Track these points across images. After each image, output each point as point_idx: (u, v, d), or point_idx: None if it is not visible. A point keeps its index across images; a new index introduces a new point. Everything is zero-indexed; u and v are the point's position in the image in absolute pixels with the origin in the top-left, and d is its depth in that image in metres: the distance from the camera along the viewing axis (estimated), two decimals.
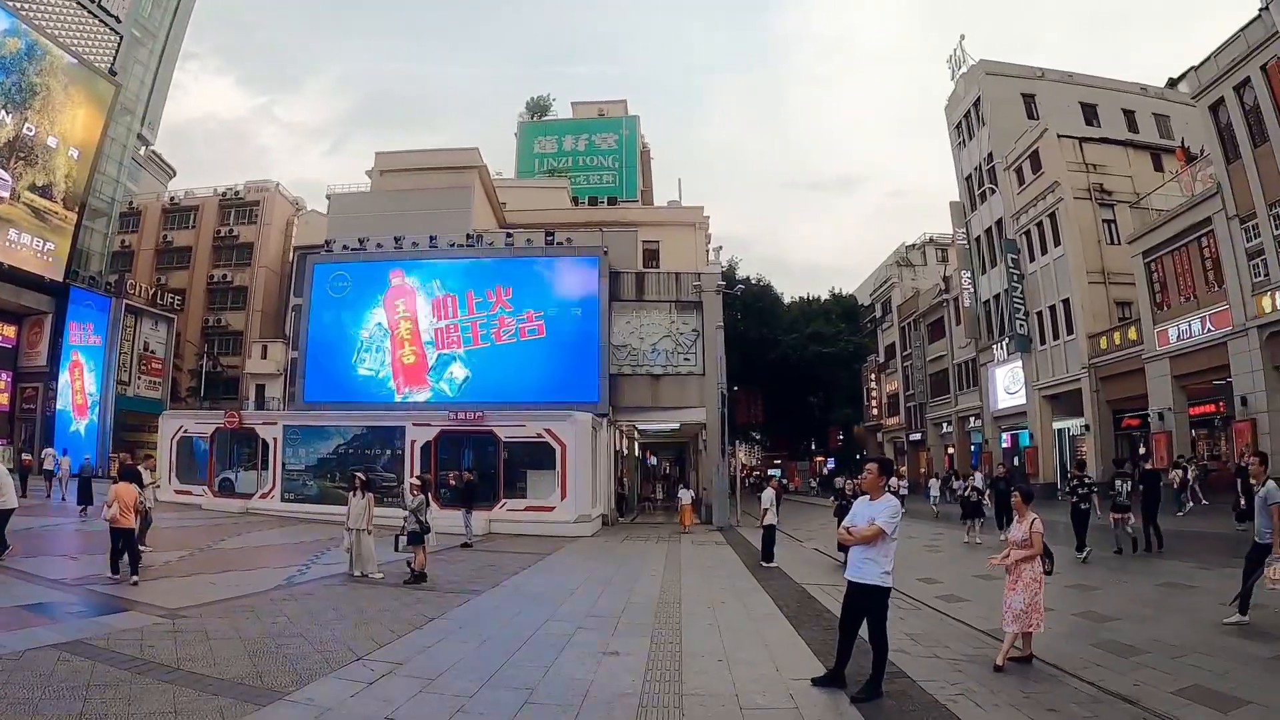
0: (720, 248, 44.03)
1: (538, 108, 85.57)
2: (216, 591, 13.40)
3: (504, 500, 27.95)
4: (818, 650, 9.94)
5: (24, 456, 34.95)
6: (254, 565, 17.20)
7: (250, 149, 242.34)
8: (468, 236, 37.83)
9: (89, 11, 47.84)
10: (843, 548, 18.19)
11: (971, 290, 49.67)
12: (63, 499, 29.81)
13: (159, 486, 19.61)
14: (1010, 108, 46.46)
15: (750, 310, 58.92)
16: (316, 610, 12.18)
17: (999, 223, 46.75)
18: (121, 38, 50.06)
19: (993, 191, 47.32)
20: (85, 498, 24.58)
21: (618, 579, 17.23)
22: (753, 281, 64.96)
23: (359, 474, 17.17)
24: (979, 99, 48.73)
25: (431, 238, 37.09)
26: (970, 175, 50.92)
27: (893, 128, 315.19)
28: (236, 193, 68.84)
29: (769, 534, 19.79)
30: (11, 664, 8.21)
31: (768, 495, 20.43)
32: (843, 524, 8.69)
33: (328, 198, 55.60)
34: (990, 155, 47.59)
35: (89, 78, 46.86)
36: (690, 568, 19.34)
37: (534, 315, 35.29)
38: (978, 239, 49.93)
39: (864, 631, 8.11)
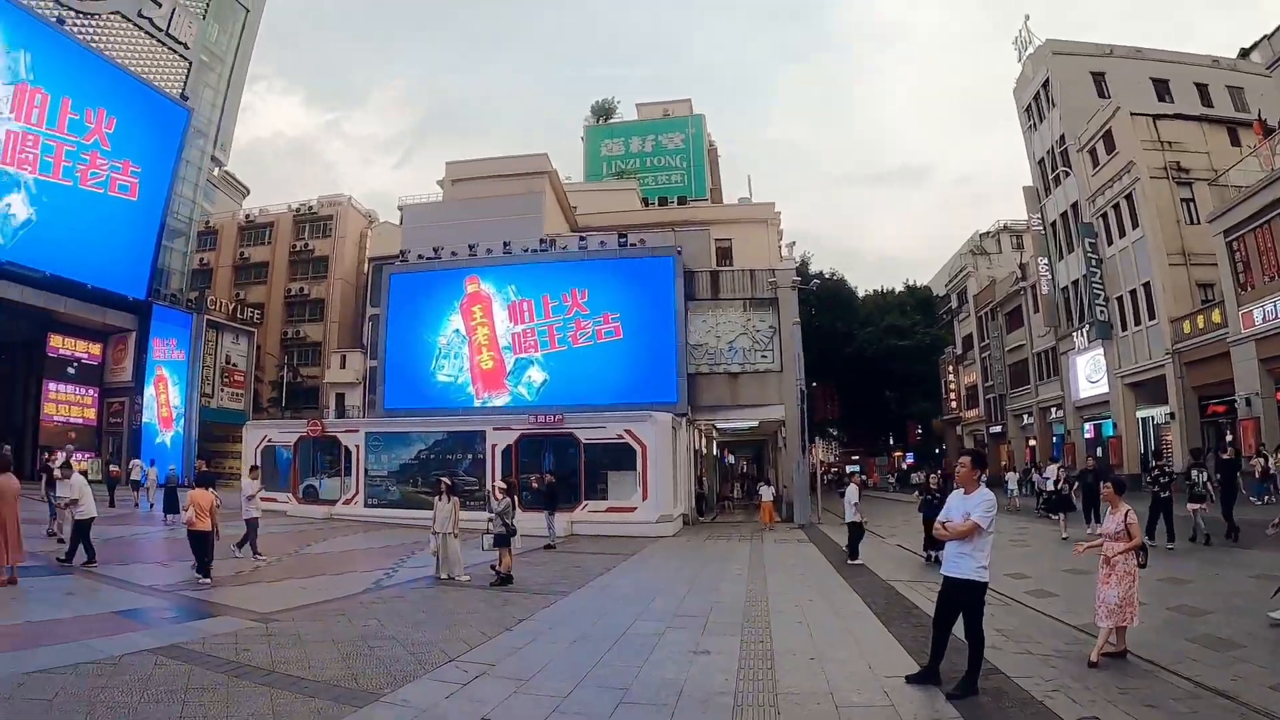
0: (794, 243, 43.67)
1: (602, 111, 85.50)
2: (307, 595, 13.66)
3: (585, 502, 28.02)
4: (909, 647, 9.87)
5: (112, 468, 35.59)
6: (342, 569, 17.53)
7: (319, 165, 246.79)
8: (541, 241, 38.14)
9: (158, 40, 48.99)
10: (931, 544, 18.09)
11: (1049, 277, 48.58)
12: (150, 507, 30.51)
13: (260, 497, 19.81)
14: (1080, 87, 45.43)
15: (825, 305, 58.55)
16: (406, 613, 12.32)
17: (1074, 206, 45.67)
18: (190, 64, 51.19)
19: (1066, 174, 46.21)
20: (171, 506, 25.16)
21: (703, 578, 17.17)
22: (826, 276, 64.60)
23: (445, 479, 17.22)
24: (1048, 80, 47.76)
25: (505, 244, 37.37)
26: (1043, 159, 49.83)
27: (958, 114, 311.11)
28: (310, 208, 69.94)
29: (855, 531, 19.56)
30: (110, 668, 8.42)
31: (852, 492, 20.14)
32: (938, 519, 8.56)
33: (400, 209, 56.36)
34: (1062, 137, 46.44)
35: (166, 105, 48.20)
36: (775, 566, 19.20)
37: (610, 317, 35.44)
38: (1053, 224, 48.89)
39: (957, 628, 8.03)
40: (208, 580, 14.34)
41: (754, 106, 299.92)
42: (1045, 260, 48.93)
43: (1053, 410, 52.53)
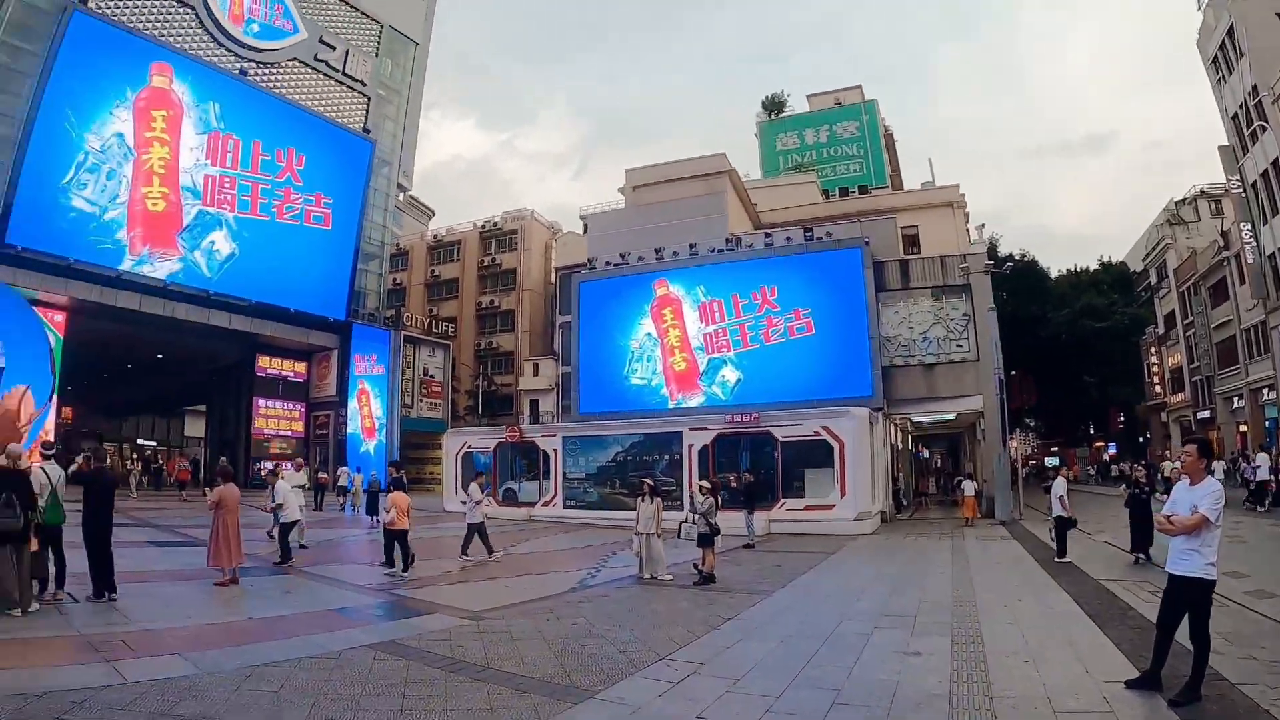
0: (983, 225, 42.47)
1: (773, 105, 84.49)
2: (514, 594, 13.97)
3: (783, 500, 27.72)
4: (1127, 651, 9.39)
5: (320, 475, 37.45)
6: (546, 570, 17.89)
7: (497, 183, 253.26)
8: (726, 240, 38.30)
9: (337, 80, 51.72)
10: (1139, 543, 17.29)
11: (1253, 244, 44.76)
12: (355, 512, 32.26)
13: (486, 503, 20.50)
14: (1269, 30, 41.57)
15: (1016, 288, 56.20)
16: (613, 612, 12.47)
17: (1275, 163, 41.97)
18: (369, 99, 53.68)
19: (1264, 129, 42.49)
20: (373, 509, 26.45)
21: (906, 577, 16.78)
22: (1016, 257, 62.36)
23: (648, 480, 17.40)
24: (1232, 26, 44.37)
25: (691, 245, 37.65)
26: (1236, 114, 46.12)
27: (1140, 75, 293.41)
28: (495, 224, 72.01)
29: (1062, 527, 18.63)
30: (331, 663, 8.91)
31: (1059, 485, 19.33)
32: (1162, 512, 8.12)
33: (582, 219, 57.25)
34: (1254, 88, 42.87)
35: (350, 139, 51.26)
36: (979, 564, 18.61)
37: (801, 313, 35.20)
38: (1254, 185, 44.87)
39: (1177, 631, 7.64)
40: (405, 575, 15.60)
41: (920, 86, 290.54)
42: (1248, 225, 45.26)
43: (1265, 392, 48.22)
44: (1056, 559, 18.12)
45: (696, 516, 15.73)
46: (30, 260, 36.45)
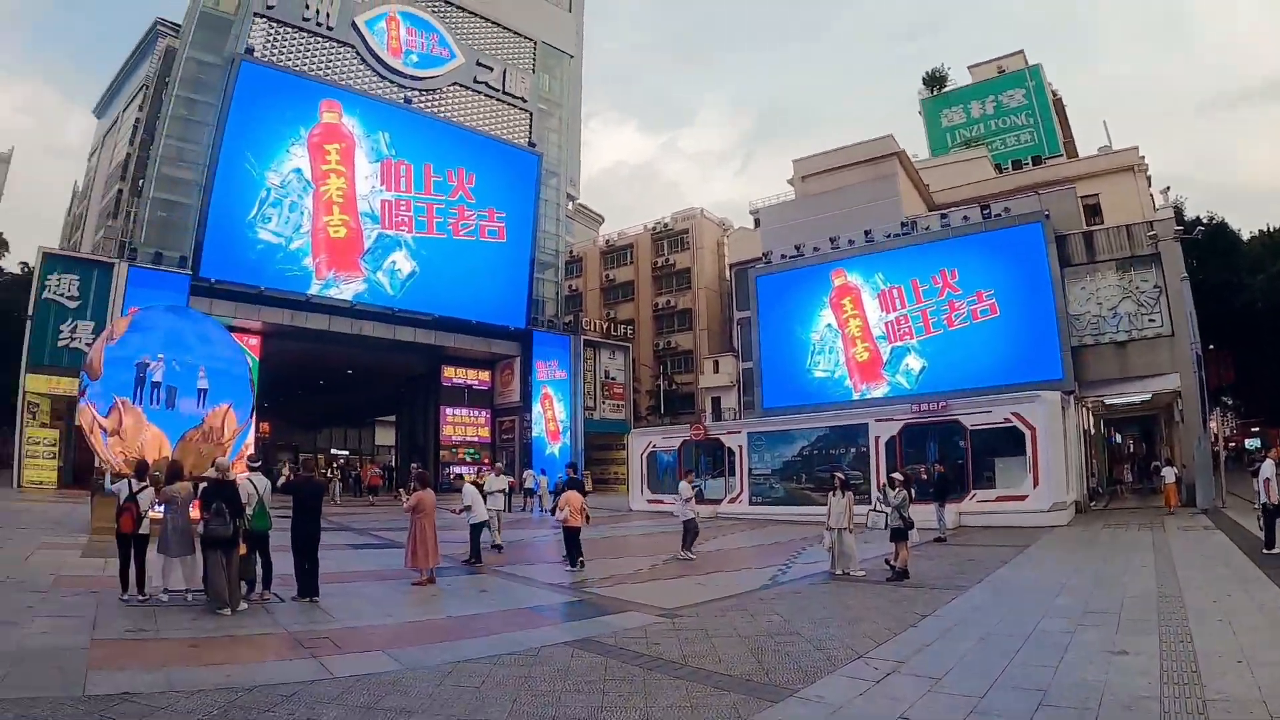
0: (1168, 188, 40.13)
1: (934, 80, 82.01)
2: (706, 592, 13.95)
3: (973, 491, 26.72)
4: None
5: (509, 480, 38.26)
6: (736, 566, 17.82)
7: (662, 185, 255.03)
8: (901, 224, 37.40)
9: (498, 99, 53.26)
10: None
11: None
12: (542, 512, 33.06)
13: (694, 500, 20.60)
14: None
15: (1204, 254, 52.51)
16: (807, 608, 12.29)
17: None
18: (531, 114, 54.90)
19: None
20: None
21: (1106, 571, 15.88)
22: (1203, 221, 58.59)
23: (838, 474, 17.17)
24: None
25: (866, 232, 37.05)
26: None
27: None
28: (665, 225, 72.21)
29: (1271, 516, 16.87)
30: (530, 659, 9.11)
31: (1267, 468, 17.29)
32: None
33: (752, 214, 57.34)
34: None
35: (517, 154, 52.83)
36: (1183, 556, 17.29)
37: (984, 295, 34.02)
38: None
39: None
40: (573, 569, 16.42)
41: (1080, 45, 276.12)
42: None
43: None
44: (1265, 550, 16.61)
45: (890, 510, 15.36)
46: (223, 291, 39.95)
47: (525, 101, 54.60)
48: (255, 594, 12.40)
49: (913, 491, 16.49)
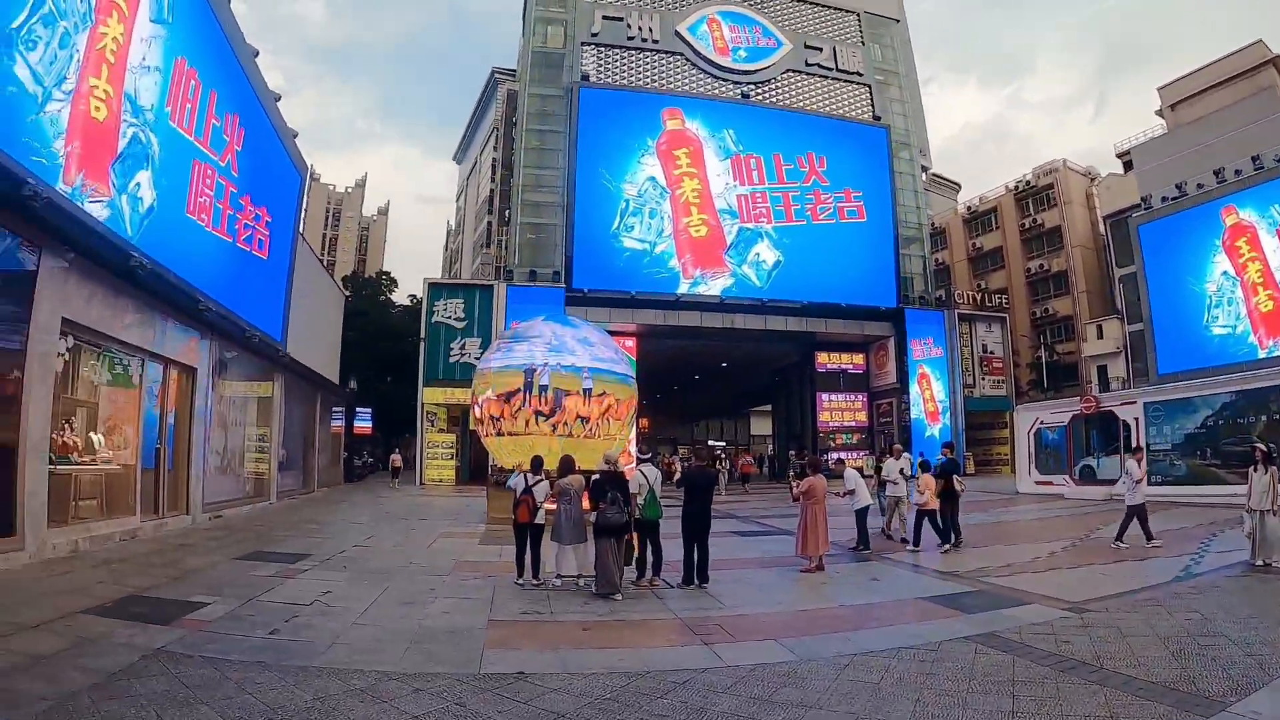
0: None
1: None
2: (1112, 583, 12.54)
3: None
4: None
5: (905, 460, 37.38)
6: (1141, 556, 15.68)
7: (1014, 142, 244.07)
8: None
9: (834, 79, 53.16)
10: None
11: None
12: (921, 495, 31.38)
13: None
14: None
15: None
16: (1229, 605, 10.63)
17: None
18: (869, 86, 54.03)
19: None
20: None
21: None
22: None
23: (1259, 446, 14.64)
24: None
25: (1254, 159, 33.10)
26: None
27: None
28: (1027, 182, 68.08)
29: None
30: (931, 654, 8.45)
31: None
32: None
33: (1119, 157, 53.07)
34: None
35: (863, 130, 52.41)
36: None
37: None
38: None
39: None
40: (947, 546, 16.43)
41: None
42: None
43: None
44: None
45: None
46: (596, 299, 43.46)
47: (860, 76, 54.01)
48: (645, 579, 12.81)
49: None
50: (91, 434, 16.54)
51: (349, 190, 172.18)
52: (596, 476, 12.90)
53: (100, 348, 16.59)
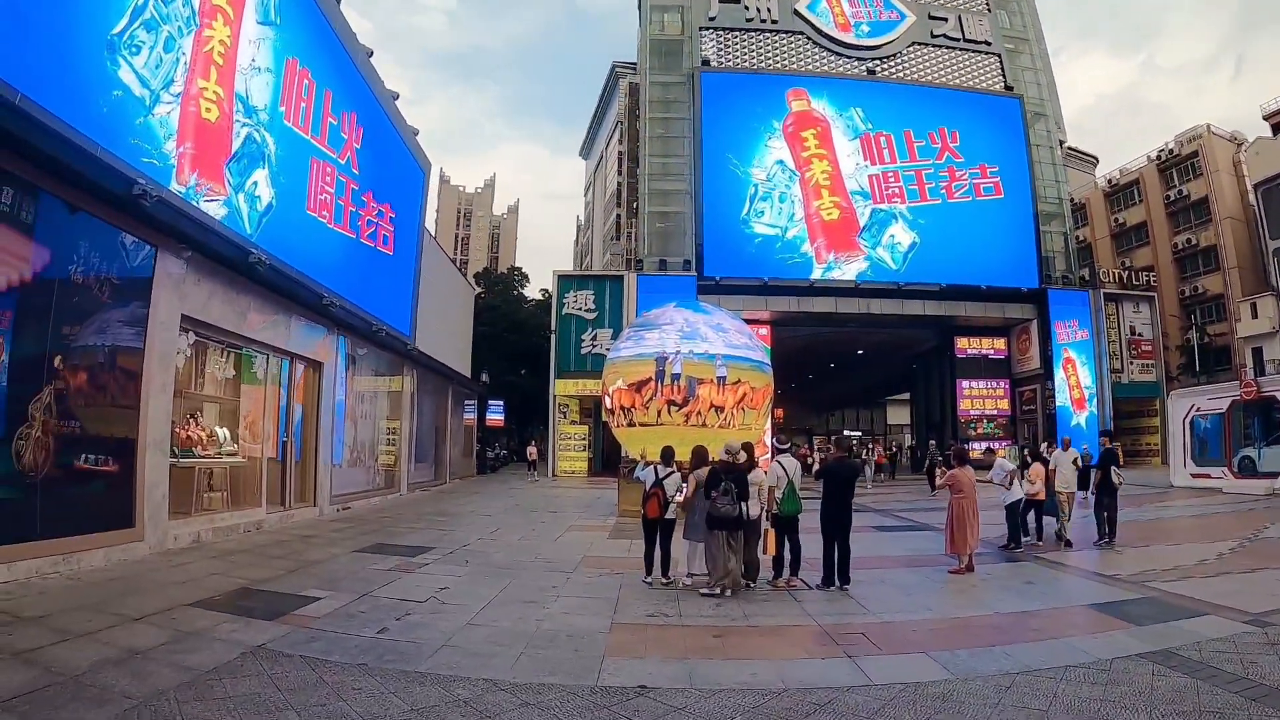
0: None
1: None
2: None
3: None
4: None
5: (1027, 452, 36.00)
6: None
7: (1150, 111, 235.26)
8: None
9: (962, 50, 51.58)
10: None
11: None
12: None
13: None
14: None
15: None
16: None
17: None
18: (999, 55, 52.16)
19: None
20: (1083, 484, 24.74)
21: None
22: None
23: None
24: None
25: None
26: None
27: None
28: (1170, 151, 64.25)
29: None
30: (1101, 676, 7.55)
31: None
32: None
33: (1266, 119, 50.94)
34: None
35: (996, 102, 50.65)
36: None
37: None
38: None
39: None
40: (1105, 540, 15.93)
41: None
42: None
43: None
44: None
45: None
46: (729, 286, 43.12)
47: (989, 45, 52.23)
48: (782, 579, 12.36)
49: None
50: (218, 428, 17.01)
51: (478, 190, 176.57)
52: (712, 466, 12.27)
53: (224, 344, 17.38)
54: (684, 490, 12.61)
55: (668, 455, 13.29)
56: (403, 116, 28.44)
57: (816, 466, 14.40)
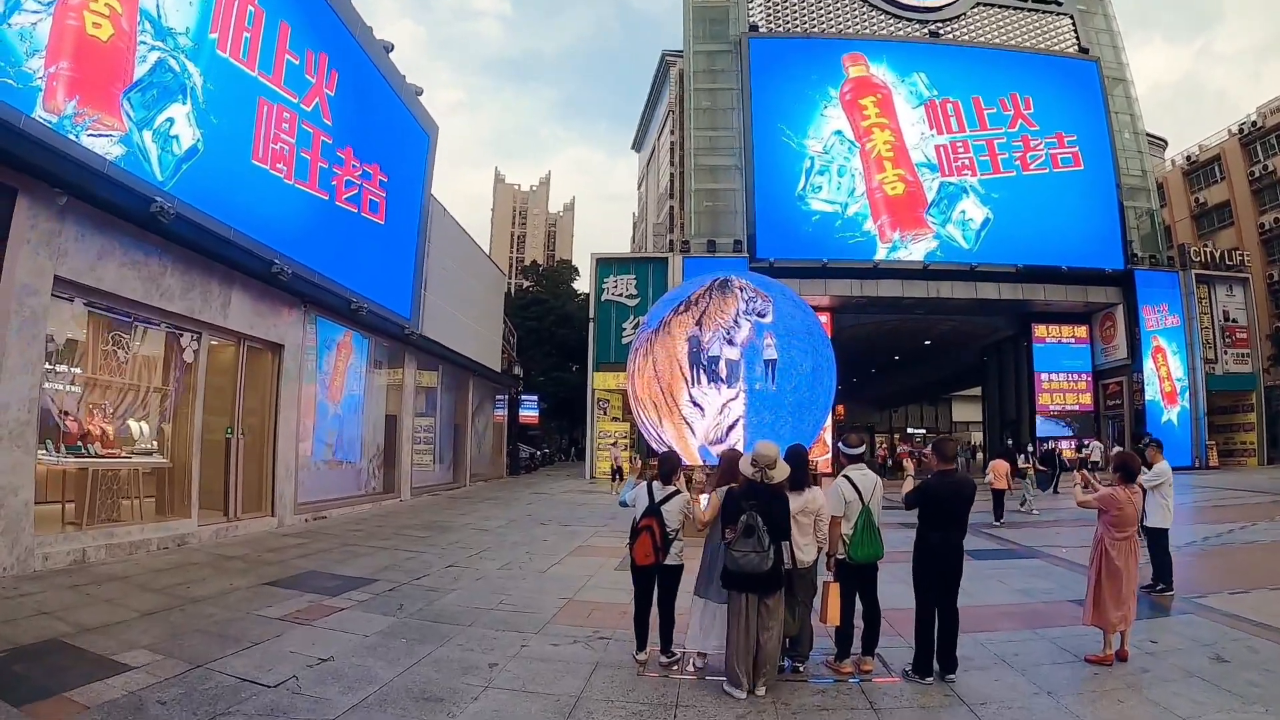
0: None
1: None
2: None
3: None
4: None
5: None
6: None
7: (1209, 97, 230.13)
8: None
9: (1030, 10, 48.11)
10: None
11: None
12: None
13: None
14: None
15: None
16: None
17: None
18: (1071, 16, 48.35)
19: None
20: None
21: None
22: None
23: None
24: None
25: None
26: None
27: None
28: (1253, 124, 59.60)
29: None
30: None
31: None
32: None
33: None
34: None
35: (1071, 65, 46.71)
36: None
37: None
38: None
39: None
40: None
41: None
42: None
43: None
44: None
45: None
46: (784, 269, 37.69)
47: (1060, 4, 48.20)
48: (849, 661, 7.78)
49: None
50: (133, 421, 13.84)
51: (534, 188, 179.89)
52: (731, 486, 7.61)
53: (133, 318, 14.10)
54: (698, 511, 8.09)
55: (669, 467, 8.41)
56: (399, 71, 25.38)
57: (907, 486, 8.22)
